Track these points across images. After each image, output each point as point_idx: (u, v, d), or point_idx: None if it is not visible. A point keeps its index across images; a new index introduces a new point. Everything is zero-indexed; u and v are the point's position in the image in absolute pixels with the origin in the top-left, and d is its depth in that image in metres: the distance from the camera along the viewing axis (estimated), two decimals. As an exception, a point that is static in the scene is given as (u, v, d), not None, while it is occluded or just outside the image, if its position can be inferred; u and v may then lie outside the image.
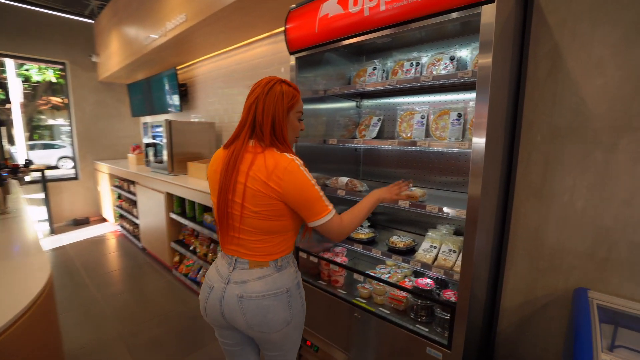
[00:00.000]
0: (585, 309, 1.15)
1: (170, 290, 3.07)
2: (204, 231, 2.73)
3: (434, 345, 1.35)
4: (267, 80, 1.11)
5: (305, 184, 1.01)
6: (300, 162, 1.04)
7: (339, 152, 2.14)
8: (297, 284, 1.16)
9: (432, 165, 1.92)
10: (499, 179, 1.42)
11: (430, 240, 1.62)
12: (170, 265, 3.36)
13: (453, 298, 1.45)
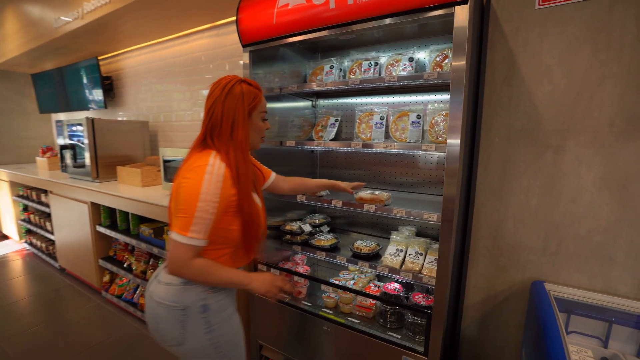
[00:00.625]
0: (546, 301, 1.22)
1: (100, 317, 2.64)
2: (141, 245, 2.39)
3: (410, 353, 1.32)
4: (226, 80, 1.04)
5: (191, 188, 0.92)
6: (220, 172, 0.95)
7: (295, 153, 2.03)
8: (204, 307, 1.02)
9: (391, 166, 1.92)
10: (462, 180, 1.45)
11: (395, 244, 1.60)
12: (99, 287, 2.90)
13: (424, 302, 1.45)
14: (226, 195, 0.96)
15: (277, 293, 1.08)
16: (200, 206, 0.91)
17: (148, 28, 2.71)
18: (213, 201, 0.92)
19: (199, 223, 0.92)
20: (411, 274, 1.44)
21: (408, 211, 1.41)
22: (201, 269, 0.95)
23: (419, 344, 1.39)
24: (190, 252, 0.93)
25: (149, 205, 2.19)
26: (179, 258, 0.93)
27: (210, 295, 1.03)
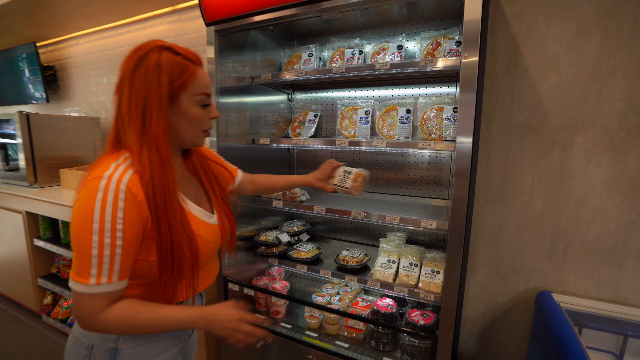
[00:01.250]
0: (560, 316, 1.09)
1: (41, 346, 2.24)
2: (89, 262, 2.04)
3: None
4: (138, 47, 0.72)
5: (80, 216, 0.64)
6: (121, 187, 0.65)
7: (269, 153, 1.80)
8: (113, 350, 0.74)
9: (377, 167, 1.74)
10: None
11: (386, 254, 1.42)
12: (39, 310, 2.48)
13: (422, 320, 1.28)
14: (134, 221, 0.66)
15: (244, 338, 0.79)
16: (96, 240, 0.63)
17: (94, 9, 2.35)
18: (115, 230, 0.64)
19: (100, 264, 0.64)
20: (406, 289, 1.27)
21: (403, 218, 1.24)
22: (121, 319, 0.68)
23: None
24: (99, 302, 0.66)
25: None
26: (84, 313, 0.66)
27: (125, 337, 0.75)
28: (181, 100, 0.72)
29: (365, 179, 1.19)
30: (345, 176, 1.19)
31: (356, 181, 1.17)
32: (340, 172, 1.21)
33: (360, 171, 1.21)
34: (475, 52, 0.94)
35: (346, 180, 1.18)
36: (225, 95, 1.47)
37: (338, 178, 1.20)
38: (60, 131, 2.59)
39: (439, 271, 1.31)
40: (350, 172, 1.20)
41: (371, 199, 1.66)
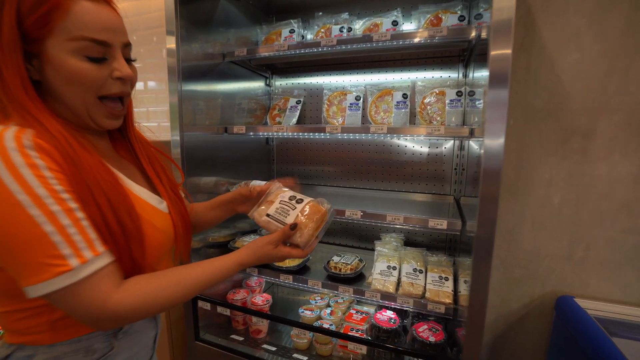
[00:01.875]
0: (589, 323, 0.94)
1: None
2: None
3: None
4: None
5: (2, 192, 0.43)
6: (25, 140, 0.45)
7: (243, 145, 1.55)
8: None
9: (369, 160, 1.55)
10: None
11: (385, 259, 1.23)
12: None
13: (432, 337, 1.09)
14: (66, 179, 0.48)
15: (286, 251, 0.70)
16: (39, 214, 0.44)
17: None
18: (55, 192, 0.46)
19: (67, 236, 0.46)
20: (412, 300, 1.09)
21: (407, 217, 1.05)
22: (145, 290, 0.53)
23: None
24: (104, 284, 0.49)
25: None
26: (91, 308, 0.48)
27: (44, 349, 0.53)
28: (47, 47, 0.49)
29: (324, 218, 0.74)
30: (289, 206, 0.73)
31: (309, 218, 0.71)
32: (285, 198, 0.75)
33: (316, 203, 0.74)
34: (508, 43, 0.76)
35: (288, 213, 0.72)
36: (192, 80, 1.21)
37: (276, 207, 0.74)
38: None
39: (447, 277, 1.14)
40: (301, 200, 0.74)
41: (359, 195, 1.47)
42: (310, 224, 0.70)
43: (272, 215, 0.72)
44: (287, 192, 0.77)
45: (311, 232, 0.69)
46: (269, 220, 0.72)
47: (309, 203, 0.73)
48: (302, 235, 0.69)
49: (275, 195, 0.76)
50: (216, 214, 0.87)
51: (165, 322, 1.36)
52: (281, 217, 0.71)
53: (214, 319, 1.39)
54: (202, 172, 1.28)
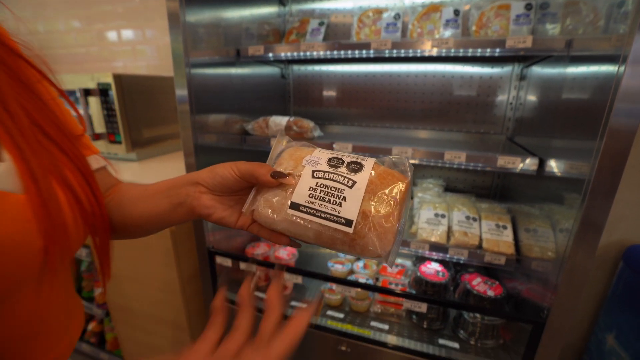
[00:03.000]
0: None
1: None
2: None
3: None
4: None
5: None
6: None
7: (255, 81, 1.30)
8: None
9: (405, 96, 1.31)
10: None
11: (431, 206, 1.06)
12: None
13: (490, 290, 0.96)
14: None
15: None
16: None
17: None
18: None
19: None
20: (466, 251, 0.94)
21: (471, 155, 0.86)
22: None
23: (497, 358, 0.92)
24: None
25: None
26: None
27: None
28: None
29: (407, 194, 0.37)
30: (338, 181, 0.36)
31: (386, 201, 0.35)
32: (320, 163, 0.38)
33: (387, 169, 0.38)
34: None
35: (340, 194, 0.35)
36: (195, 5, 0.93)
37: (308, 184, 0.36)
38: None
39: (506, 226, 0.98)
40: (358, 165, 0.37)
41: (394, 135, 1.26)
42: (394, 211, 0.34)
43: (305, 204, 0.35)
44: (317, 151, 0.40)
45: (395, 227, 0.34)
46: (298, 216, 0.35)
47: (373, 168, 0.37)
48: (384, 237, 0.34)
49: (295, 161, 0.39)
50: (151, 206, 0.43)
51: (177, 279, 1.22)
52: (328, 205, 0.35)
53: (232, 275, 1.25)
54: (210, 110, 1.06)
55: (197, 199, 0.40)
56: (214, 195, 0.40)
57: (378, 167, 0.37)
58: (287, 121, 1.03)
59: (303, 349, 1.06)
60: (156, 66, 1.73)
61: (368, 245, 0.34)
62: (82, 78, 1.25)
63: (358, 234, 0.34)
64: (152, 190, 0.44)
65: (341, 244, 0.35)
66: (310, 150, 0.40)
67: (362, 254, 0.35)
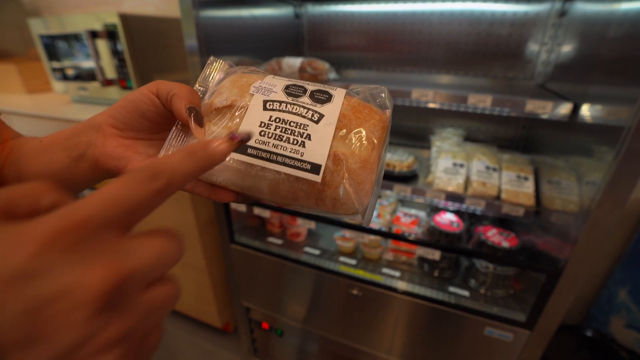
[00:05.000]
0: None
1: None
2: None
3: (499, 325, 0.87)
4: None
5: None
6: None
7: (265, 23, 1.21)
8: None
9: (429, 39, 1.21)
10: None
11: (450, 155, 1.02)
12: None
13: (504, 242, 0.95)
14: None
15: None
16: None
17: None
18: None
19: None
20: (483, 201, 0.92)
21: (498, 98, 0.80)
22: None
23: (508, 307, 0.93)
24: None
25: (56, 122, 1.35)
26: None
27: None
28: None
29: (385, 133, 0.29)
30: (299, 115, 0.28)
31: (359, 143, 0.28)
32: (275, 92, 0.29)
33: (361, 101, 0.30)
34: None
35: (302, 133, 0.27)
36: None
37: (259, 119, 0.27)
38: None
39: (527, 177, 0.94)
40: (326, 95, 0.29)
41: (414, 80, 1.18)
42: (372, 154, 0.28)
43: (255, 145, 0.27)
44: (269, 77, 0.31)
45: (374, 175, 0.28)
46: (245, 161, 0.27)
47: (346, 99, 0.29)
48: (361, 187, 0.27)
49: (240, 88, 0.29)
50: (46, 162, 0.32)
51: (195, 224, 1.26)
52: (287, 145, 0.27)
53: (247, 222, 1.29)
54: (220, 54, 1.00)
55: (100, 146, 0.29)
56: (124, 140, 0.29)
57: (350, 99, 0.29)
58: (301, 62, 0.98)
59: (312, 289, 1.10)
60: (164, 8, 1.65)
61: (339, 197, 0.27)
62: (86, 19, 1.20)
63: (328, 184, 0.26)
64: (47, 142, 0.32)
65: (305, 198, 0.27)
66: (261, 77, 0.31)
67: (334, 209, 0.28)
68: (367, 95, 0.31)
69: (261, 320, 1.30)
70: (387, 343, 1.08)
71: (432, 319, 0.97)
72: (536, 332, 0.82)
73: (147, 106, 0.28)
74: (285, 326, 1.26)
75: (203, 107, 0.29)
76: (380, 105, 0.30)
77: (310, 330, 1.20)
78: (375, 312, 1.04)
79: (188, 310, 1.63)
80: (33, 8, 2.10)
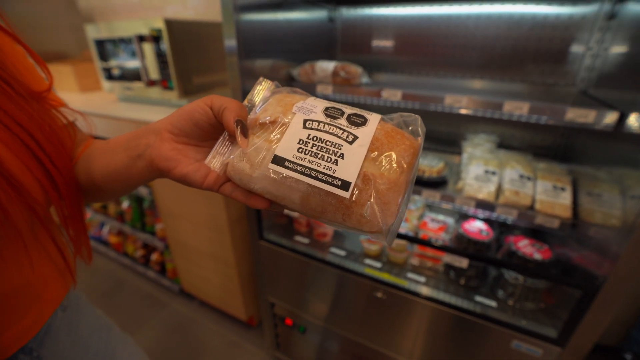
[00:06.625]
0: None
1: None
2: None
3: (529, 339, 0.84)
4: None
5: None
6: None
7: (299, 26, 1.24)
8: None
9: (470, 46, 1.18)
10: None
11: (482, 162, 1.00)
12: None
13: (537, 253, 0.92)
14: None
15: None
16: None
17: None
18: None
19: None
20: (516, 211, 0.89)
21: (535, 106, 0.77)
22: None
23: (537, 321, 0.90)
24: None
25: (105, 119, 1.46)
26: None
27: None
28: None
29: (415, 158, 0.31)
30: (334, 135, 0.30)
31: (388, 165, 0.29)
32: (314, 114, 0.31)
33: (395, 127, 0.32)
34: None
35: (337, 151, 0.29)
36: None
37: (298, 137, 0.30)
38: (21, 17, 2.03)
39: (565, 188, 0.90)
40: (361, 119, 0.31)
41: (444, 84, 1.17)
42: (401, 177, 0.29)
43: (292, 160, 0.29)
44: (311, 98, 0.34)
45: (399, 197, 0.29)
46: (282, 173, 0.29)
47: (379, 124, 0.31)
48: (387, 207, 0.29)
49: (284, 107, 0.32)
50: (109, 160, 0.38)
51: (226, 220, 1.32)
52: (321, 162, 0.29)
53: (275, 220, 1.33)
54: (257, 56, 1.04)
55: (157, 148, 0.32)
56: (178, 144, 0.33)
57: (385, 124, 0.31)
58: (334, 66, 1.00)
59: (336, 289, 1.12)
60: (203, 13, 1.73)
61: (367, 216, 0.28)
62: (135, 24, 1.29)
63: (355, 201, 0.28)
64: (113, 143, 0.38)
65: (333, 212, 0.29)
66: (304, 97, 0.34)
67: (359, 226, 0.29)
68: (401, 121, 0.33)
69: (285, 316, 1.33)
70: (409, 348, 1.07)
71: (457, 327, 0.95)
72: (568, 350, 0.79)
73: (201, 116, 0.32)
74: (308, 323, 1.28)
75: (249, 121, 0.33)
76: (412, 132, 0.32)
77: (333, 329, 1.22)
78: (398, 316, 1.04)
79: (216, 302, 1.70)
80: (88, 14, 2.28)
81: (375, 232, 0.29)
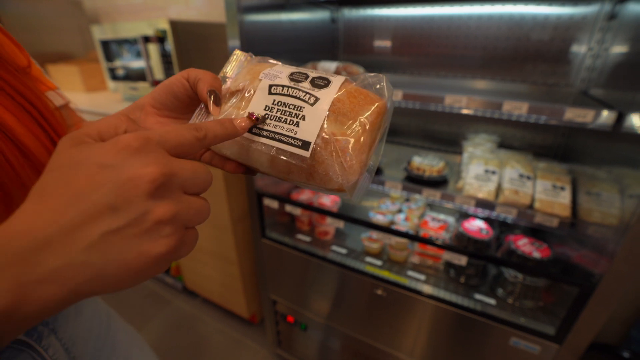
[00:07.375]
0: None
1: None
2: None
3: (526, 336, 0.85)
4: None
5: None
6: None
7: (302, 27, 1.26)
8: None
9: (471, 46, 1.19)
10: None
11: (482, 162, 1.01)
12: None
13: (536, 252, 0.93)
14: None
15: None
16: None
17: None
18: None
19: None
20: (515, 210, 0.90)
21: (534, 106, 0.78)
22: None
23: (536, 318, 0.91)
24: None
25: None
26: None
27: None
28: None
29: (382, 119, 0.32)
30: (298, 97, 0.31)
31: (349, 123, 0.30)
32: (279, 78, 0.32)
33: (359, 88, 0.32)
34: None
35: (299, 113, 0.30)
36: None
37: (264, 102, 0.32)
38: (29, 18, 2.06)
39: (564, 187, 0.91)
40: (324, 80, 0.31)
41: (445, 84, 1.18)
42: (362, 136, 0.30)
43: (259, 125, 0.31)
44: (279, 65, 0.35)
45: (363, 155, 0.30)
46: (250, 138, 0.31)
47: (343, 86, 0.31)
48: (349, 164, 0.29)
49: (252, 75, 0.34)
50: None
51: (229, 218, 1.34)
52: (284, 125, 0.30)
53: (278, 218, 1.34)
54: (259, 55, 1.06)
55: (142, 122, 0.35)
56: (161, 118, 0.35)
57: (349, 85, 0.31)
58: (336, 66, 1.01)
59: (337, 286, 1.13)
60: (206, 13, 1.75)
61: (328, 173, 0.29)
62: (140, 25, 1.31)
63: (317, 160, 0.29)
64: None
65: (298, 173, 0.31)
66: (272, 65, 0.35)
67: (323, 184, 0.30)
68: (366, 82, 0.33)
69: (287, 314, 1.35)
70: (409, 345, 1.09)
71: (456, 324, 0.96)
72: (565, 346, 0.80)
73: (179, 88, 0.33)
74: (309, 321, 1.30)
75: (223, 91, 0.34)
76: (379, 92, 0.32)
77: (334, 326, 1.23)
78: (399, 313, 1.05)
79: (218, 299, 1.72)
80: (93, 15, 2.30)
81: (338, 189, 0.30)
